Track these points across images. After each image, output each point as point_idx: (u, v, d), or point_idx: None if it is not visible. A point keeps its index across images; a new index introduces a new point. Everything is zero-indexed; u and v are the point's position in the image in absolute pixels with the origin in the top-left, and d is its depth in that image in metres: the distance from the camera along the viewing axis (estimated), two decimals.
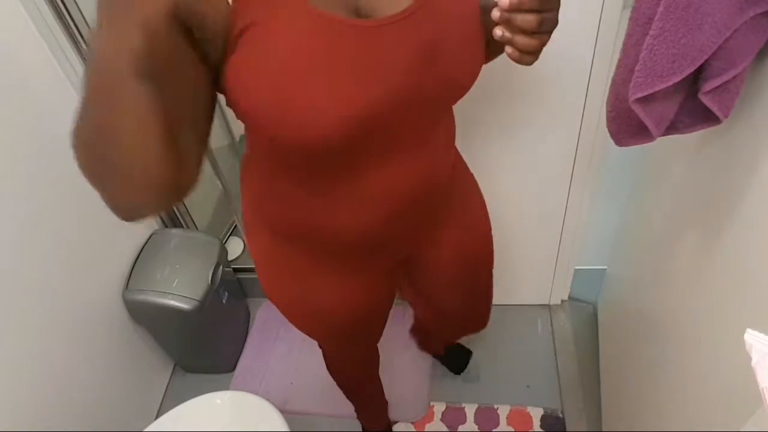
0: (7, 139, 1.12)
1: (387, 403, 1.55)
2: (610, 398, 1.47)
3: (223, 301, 1.62)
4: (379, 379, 1.41)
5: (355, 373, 1.33)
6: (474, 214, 1.01)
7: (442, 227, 0.93)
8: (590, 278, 1.70)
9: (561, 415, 1.55)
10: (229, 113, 2.11)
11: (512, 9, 0.58)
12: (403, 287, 1.17)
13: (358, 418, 1.56)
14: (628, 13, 1.02)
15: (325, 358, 1.30)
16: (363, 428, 1.59)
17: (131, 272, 1.48)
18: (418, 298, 1.22)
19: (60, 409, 1.27)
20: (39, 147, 1.21)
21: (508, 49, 0.63)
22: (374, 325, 1.09)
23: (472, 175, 1.00)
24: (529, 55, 0.63)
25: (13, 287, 1.14)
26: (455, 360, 1.66)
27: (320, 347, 1.24)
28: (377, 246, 0.84)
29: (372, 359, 1.30)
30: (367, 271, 0.92)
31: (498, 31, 0.61)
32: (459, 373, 1.65)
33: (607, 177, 1.40)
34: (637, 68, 0.66)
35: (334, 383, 1.68)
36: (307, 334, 1.07)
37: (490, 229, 1.05)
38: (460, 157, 0.96)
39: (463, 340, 1.66)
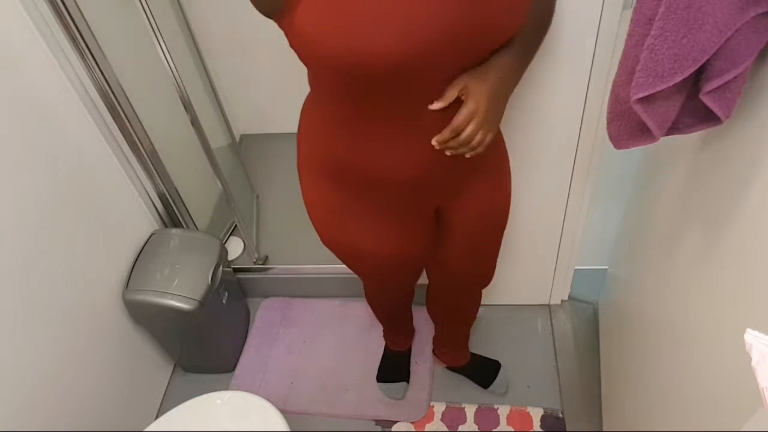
0: (7, 139, 1.12)
1: (414, 330, 1.68)
2: (610, 398, 1.47)
3: (223, 301, 1.62)
4: (410, 311, 1.55)
5: (390, 305, 1.47)
6: (501, 183, 1.07)
7: (470, 186, 1.00)
8: (590, 278, 1.70)
9: (561, 415, 1.55)
10: (229, 113, 2.09)
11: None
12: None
13: (384, 336, 1.67)
14: (628, 13, 1.02)
15: (365, 288, 1.42)
16: (386, 347, 1.69)
17: (131, 272, 1.48)
18: (433, 260, 1.28)
19: (60, 409, 1.27)
20: (39, 147, 1.21)
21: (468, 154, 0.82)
22: (411, 268, 1.18)
23: (505, 148, 1.07)
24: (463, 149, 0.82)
25: (12, 287, 1.13)
26: (484, 373, 1.63)
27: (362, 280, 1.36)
28: (413, 189, 0.92)
29: (407, 296, 1.43)
30: (406, 217, 1.01)
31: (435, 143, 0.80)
32: (487, 387, 1.61)
33: (607, 177, 1.40)
34: (638, 68, 0.66)
35: (334, 383, 1.69)
36: (350, 269, 1.19)
37: (510, 201, 1.11)
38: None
39: (480, 349, 1.64)
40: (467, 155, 0.83)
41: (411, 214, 1.01)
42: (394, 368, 1.67)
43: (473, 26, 0.71)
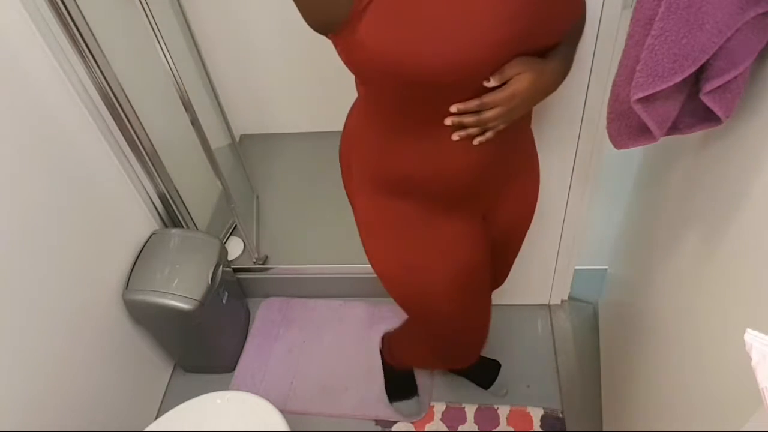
0: (7, 139, 1.12)
1: None
2: (610, 398, 1.47)
3: (223, 301, 1.62)
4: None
5: (455, 341, 1.23)
6: (534, 185, 1.08)
7: (512, 187, 1.00)
8: (590, 278, 1.70)
9: (561, 415, 1.55)
10: (229, 113, 2.08)
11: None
12: None
13: (392, 360, 1.57)
14: (628, 13, 1.02)
15: (421, 344, 1.28)
16: (390, 367, 1.60)
17: (131, 272, 1.48)
18: None
19: (60, 409, 1.27)
20: (38, 147, 1.21)
21: (455, 136, 0.79)
22: (486, 277, 1.10)
23: (535, 146, 1.06)
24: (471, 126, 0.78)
25: (13, 287, 1.13)
26: (484, 373, 1.63)
27: (425, 323, 1.17)
28: (472, 191, 0.91)
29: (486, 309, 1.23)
30: (469, 223, 0.98)
31: (447, 121, 0.77)
32: (488, 388, 1.61)
33: (607, 177, 1.39)
34: (638, 68, 0.66)
35: (334, 383, 1.69)
36: (414, 301, 1.06)
37: (537, 199, 1.11)
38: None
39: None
40: (475, 137, 0.81)
41: (471, 218, 0.99)
42: (404, 386, 1.63)
43: (531, 30, 0.71)
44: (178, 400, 1.24)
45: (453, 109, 0.76)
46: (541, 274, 1.69)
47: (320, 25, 0.72)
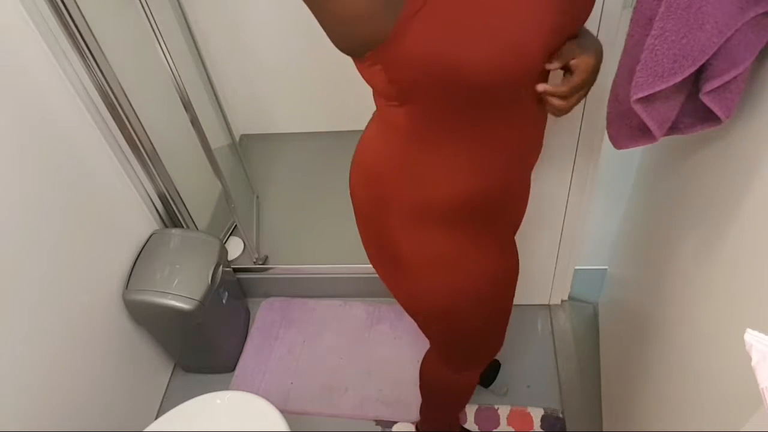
0: (7, 139, 1.12)
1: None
2: (610, 398, 1.47)
3: (223, 301, 1.62)
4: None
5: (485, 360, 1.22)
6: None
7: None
8: (590, 278, 1.70)
9: (561, 415, 1.55)
10: (229, 113, 2.08)
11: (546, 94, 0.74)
12: None
13: (452, 426, 1.48)
14: (628, 13, 1.02)
15: (451, 359, 1.17)
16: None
17: (131, 272, 1.48)
18: None
19: (60, 409, 1.27)
20: (39, 147, 1.21)
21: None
22: (514, 281, 1.07)
23: None
24: (560, 111, 0.78)
25: (13, 287, 1.13)
26: (484, 373, 1.61)
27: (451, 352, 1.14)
28: (510, 198, 0.92)
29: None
30: (501, 231, 0.97)
31: (540, 87, 0.73)
32: (488, 386, 1.61)
33: (607, 177, 1.39)
34: (638, 68, 0.66)
35: (334, 383, 1.69)
36: (454, 325, 1.03)
37: None
38: None
39: None
40: (554, 107, 0.77)
41: (501, 229, 0.97)
42: None
43: (571, 16, 0.70)
44: (178, 400, 1.24)
45: (540, 88, 0.73)
46: (541, 274, 1.69)
47: (358, 45, 0.65)
